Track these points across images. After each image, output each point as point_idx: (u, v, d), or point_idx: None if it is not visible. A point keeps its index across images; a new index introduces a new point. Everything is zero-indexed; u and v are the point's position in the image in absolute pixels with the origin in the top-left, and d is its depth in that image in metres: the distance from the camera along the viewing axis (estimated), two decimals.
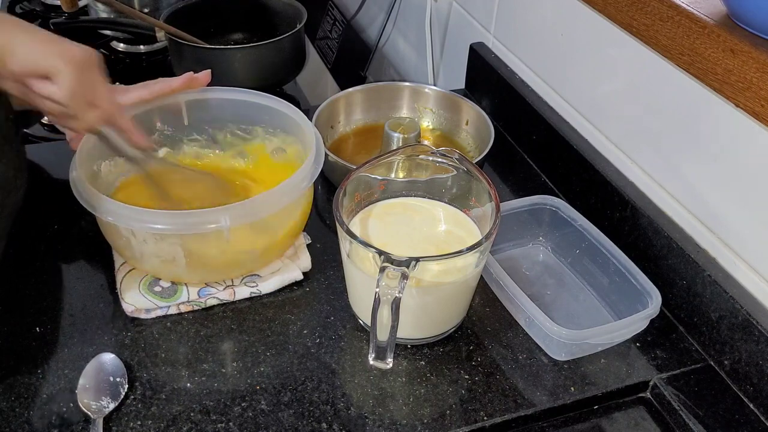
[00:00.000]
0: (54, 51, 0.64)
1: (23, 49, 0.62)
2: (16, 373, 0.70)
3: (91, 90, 0.67)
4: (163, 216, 0.71)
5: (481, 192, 0.74)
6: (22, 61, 0.62)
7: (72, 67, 0.64)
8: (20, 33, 0.62)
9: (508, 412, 0.68)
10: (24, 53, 0.62)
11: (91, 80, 0.67)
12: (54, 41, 0.64)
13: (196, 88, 0.84)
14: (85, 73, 0.66)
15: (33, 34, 0.64)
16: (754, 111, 0.63)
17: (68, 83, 0.64)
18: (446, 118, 1.05)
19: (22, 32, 0.63)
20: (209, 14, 1.41)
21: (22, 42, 0.62)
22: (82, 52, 0.65)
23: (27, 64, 0.63)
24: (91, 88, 0.67)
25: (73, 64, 0.64)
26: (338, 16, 1.60)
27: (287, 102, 0.85)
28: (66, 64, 0.64)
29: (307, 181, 0.76)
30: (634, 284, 0.75)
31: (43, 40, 0.64)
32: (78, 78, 0.65)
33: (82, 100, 0.67)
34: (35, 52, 0.63)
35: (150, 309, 0.76)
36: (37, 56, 0.63)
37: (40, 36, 0.64)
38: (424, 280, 0.68)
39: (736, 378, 0.70)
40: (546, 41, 0.97)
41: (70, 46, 0.65)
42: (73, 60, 0.64)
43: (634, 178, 0.85)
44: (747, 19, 0.64)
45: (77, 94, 0.66)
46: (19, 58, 0.62)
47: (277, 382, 0.70)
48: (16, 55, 0.62)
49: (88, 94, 0.67)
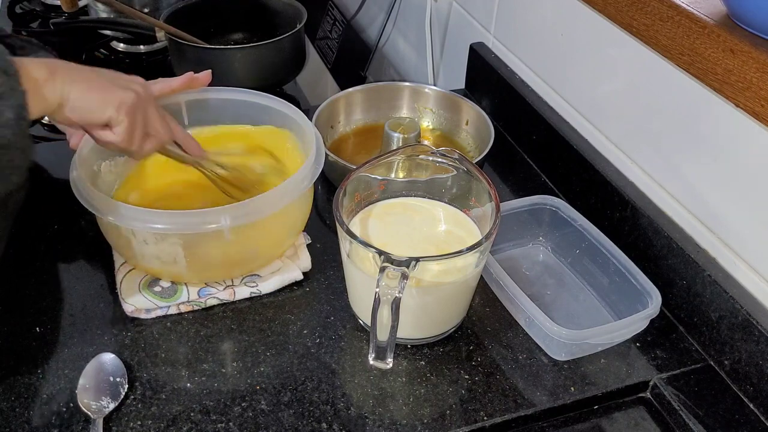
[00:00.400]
0: (108, 100, 0.66)
1: (79, 101, 0.64)
2: (16, 373, 0.70)
3: (144, 125, 0.70)
4: (163, 216, 0.71)
5: (481, 192, 0.74)
6: (78, 112, 0.65)
7: (125, 114, 0.67)
8: (75, 83, 0.64)
9: (508, 412, 0.68)
10: (80, 105, 0.64)
11: (144, 117, 0.70)
12: (107, 89, 0.66)
13: (197, 88, 0.84)
14: (138, 114, 0.68)
15: (88, 83, 0.65)
16: (754, 111, 0.63)
17: (123, 131, 0.67)
18: (446, 118, 1.05)
19: (77, 81, 0.64)
20: (209, 14, 1.41)
21: (77, 93, 0.64)
22: (134, 96, 0.68)
23: (83, 116, 0.65)
24: (144, 124, 0.70)
25: (125, 111, 0.67)
26: (338, 16, 1.60)
27: (287, 102, 0.85)
28: (119, 113, 0.66)
29: (307, 181, 0.76)
30: (634, 284, 0.75)
31: (97, 89, 0.66)
32: (131, 122, 0.68)
33: (138, 138, 0.70)
34: (90, 103, 0.65)
35: (150, 309, 0.76)
36: (93, 108, 0.65)
37: (94, 84, 0.66)
38: (424, 280, 0.68)
39: (736, 378, 0.70)
40: (546, 41, 0.97)
41: (121, 93, 0.67)
42: (125, 108, 0.67)
43: (634, 178, 0.85)
44: (747, 19, 0.64)
45: (132, 136, 0.69)
46: (76, 110, 0.64)
47: (277, 382, 0.70)
48: (72, 107, 0.64)
49: (141, 130, 0.70)
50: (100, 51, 1.52)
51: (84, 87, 0.64)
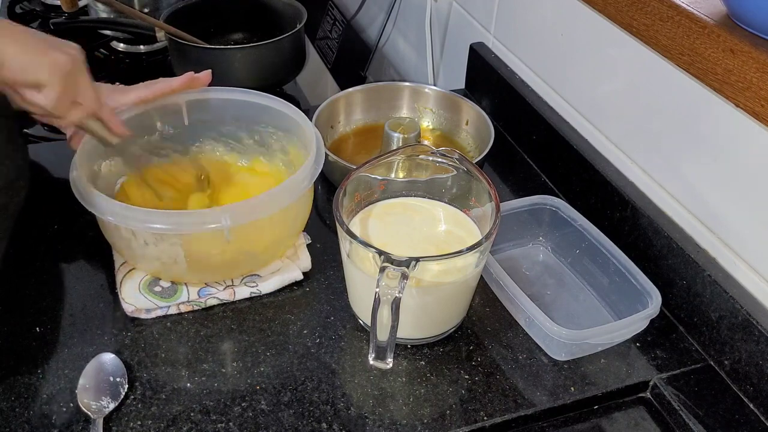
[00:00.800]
0: (41, 62, 0.66)
1: (12, 60, 0.65)
2: (16, 373, 0.70)
3: (74, 92, 0.70)
4: (163, 216, 0.71)
5: (481, 192, 0.74)
6: (11, 72, 0.65)
7: (57, 77, 0.67)
8: (10, 43, 0.65)
9: (508, 412, 0.68)
10: (12, 65, 0.65)
11: (75, 83, 0.70)
12: (42, 51, 0.67)
13: (197, 88, 0.84)
14: (70, 78, 0.69)
15: (23, 43, 0.66)
16: (754, 111, 0.63)
17: (53, 93, 0.68)
18: (446, 118, 1.05)
19: (12, 42, 0.65)
20: (209, 14, 1.41)
21: (11, 53, 0.65)
22: (67, 59, 0.68)
23: (16, 76, 0.66)
24: (75, 90, 0.70)
25: (58, 74, 0.67)
26: (338, 16, 1.60)
27: (287, 102, 0.85)
28: (51, 75, 0.67)
29: (307, 181, 0.76)
30: (634, 284, 0.75)
31: (32, 50, 0.66)
32: (62, 86, 0.68)
33: (66, 103, 0.70)
34: (23, 63, 0.66)
35: (150, 309, 0.76)
36: (26, 68, 0.66)
37: (29, 45, 0.67)
38: (424, 280, 0.68)
39: (736, 378, 0.70)
40: (546, 41, 0.97)
41: (57, 55, 0.67)
42: (58, 70, 0.67)
43: (634, 178, 0.85)
44: (747, 19, 0.64)
45: (61, 101, 0.69)
46: (9, 69, 0.65)
47: (277, 382, 0.70)
48: (5, 66, 0.65)
49: (71, 96, 0.70)
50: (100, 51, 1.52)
51: (19, 47, 0.65)
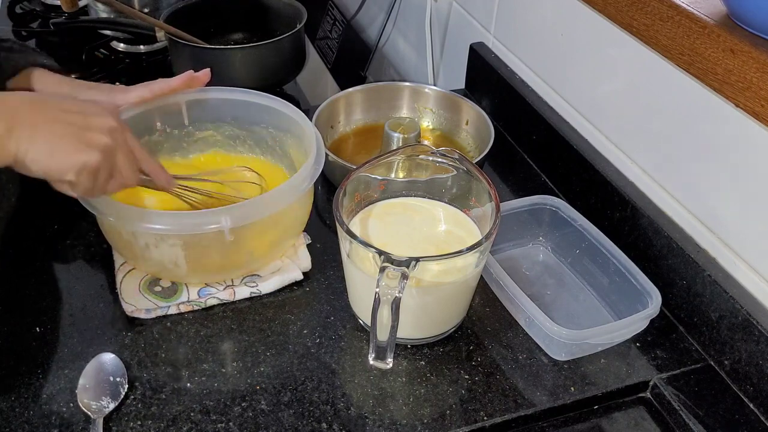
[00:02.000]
0: (69, 165, 0.62)
1: (37, 162, 0.61)
2: (16, 373, 0.70)
3: (115, 170, 0.66)
4: (163, 216, 0.71)
5: (481, 192, 0.74)
6: (35, 170, 0.62)
7: (84, 177, 0.63)
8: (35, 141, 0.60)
9: (508, 412, 0.68)
10: (38, 167, 0.61)
11: (111, 167, 0.65)
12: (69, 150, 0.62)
13: (196, 87, 0.84)
14: (103, 170, 0.64)
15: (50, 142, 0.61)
16: (754, 111, 0.63)
17: (82, 189, 0.64)
18: (446, 118, 1.05)
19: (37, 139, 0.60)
20: (209, 14, 1.41)
21: (36, 154, 0.60)
22: (98, 158, 0.63)
23: (41, 174, 0.62)
24: (116, 168, 0.66)
25: (86, 174, 0.63)
26: (338, 16, 1.60)
27: (287, 102, 0.85)
28: (79, 176, 0.63)
29: (307, 182, 0.76)
30: (634, 284, 0.75)
31: (59, 149, 0.62)
32: (92, 182, 0.64)
33: (101, 186, 0.66)
34: (50, 165, 0.62)
35: (150, 309, 0.76)
36: (52, 170, 0.62)
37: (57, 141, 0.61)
38: (424, 280, 0.68)
39: (736, 378, 0.70)
40: (546, 41, 0.97)
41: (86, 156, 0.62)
42: (86, 172, 0.63)
43: (634, 178, 0.85)
44: (747, 19, 0.64)
45: (93, 191, 0.65)
46: (33, 169, 0.61)
47: (277, 382, 0.70)
48: (29, 166, 0.61)
49: (106, 179, 0.66)
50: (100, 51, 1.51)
51: (44, 148, 0.61)
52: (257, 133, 0.88)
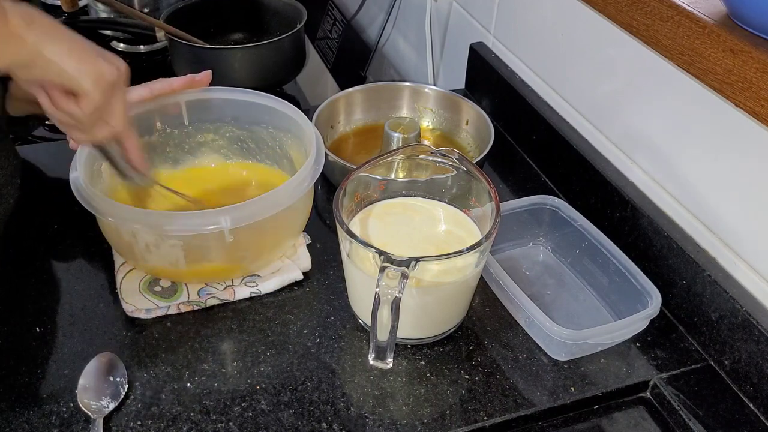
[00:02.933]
0: (85, 70, 0.60)
1: (54, 60, 0.59)
2: (16, 373, 0.70)
3: (109, 109, 0.66)
4: (164, 217, 0.71)
5: (481, 192, 0.74)
6: (50, 72, 0.60)
7: (100, 89, 0.62)
8: (54, 41, 0.59)
9: (508, 412, 0.68)
10: (54, 65, 0.59)
11: (113, 100, 0.65)
12: (86, 57, 0.61)
13: (197, 87, 0.84)
14: (109, 93, 0.64)
15: (69, 43, 0.60)
16: (754, 111, 0.63)
17: (91, 105, 0.63)
18: (446, 118, 1.05)
19: (58, 41, 0.59)
20: (209, 14, 1.41)
21: (54, 52, 0.59)
22: (113, 71, 0.63)
23: (55, 77, 0.60)
24: (110, 107, 0.65)
25: (101, 86, 0.62)
26: (338, 16, 1.60)
27: (287, 102, 0.85)
28: (95, 87, 0.61)
29: (307, 182, 0.76)
30: (634, 284, 0.75)
31: (77, 54, 0.60)
32: (102, 99, 0.63)
33: (99, 118, 0.65)
34: (66, 67, 0.60)
35: (150, 309, 0.76)
36: (68, 72, 0.60)
37: (76, 48, 0.60)
38: (424, 280, 0.68)
39: (736, 378, 0.70)
40: (546, 41, 0.97)
41: (102, 65, 0.62)
42: (102, 82, 0.62)
43: (634, 178, 0.85)
44: (747, 19, 0.64)
45: (96, 115, 0.64)
46: (48, 69, 0.59)
47: (277, 382, 0.70)
48: (45, 65, 0.59)
49: (105, 113, 0.65)
50: None
51: (64, 48, 0.59)
52: (257, 133, 0.88)
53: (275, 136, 0.87)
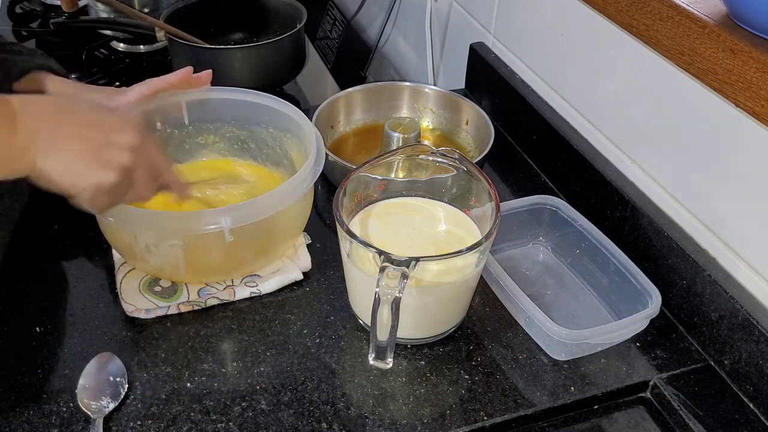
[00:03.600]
0: (84, 183, 0.61)
1: (52, 177, 0.59)
2: (16, 373, 0.70)
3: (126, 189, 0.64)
4: (164, 217, 0.71)
5: (481, 192, 0.74)
6: (50, 184, 0.60)
7: (99, 196, 0.62)
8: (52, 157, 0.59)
9: (508, 412, 0.68)
10: (53, 181, 0.60)
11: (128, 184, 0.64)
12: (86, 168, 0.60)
13: (197, 87, 0.84)
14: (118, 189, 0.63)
15: (67, 159, 0.60)
16: (754, 111, 0.63)
17: (96, 208, 0.64)
18: (446, 118, 1.05)
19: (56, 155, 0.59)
20: (209, 14, 1.41)
21: (51, 169, 0.59)
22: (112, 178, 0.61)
23: (56, 186, 0.61)
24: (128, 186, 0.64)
25: (100, 194, 0.62)
26: (338, 16, 1.60)
27: (288, 102, 0.85)
28: (93, 195, 0.62)
29: (308, 182, 0.76)
30: (634, 284, 0.75)
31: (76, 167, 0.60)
32: (106, 203, 0.64)
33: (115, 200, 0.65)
34: (64, 182, 0.60)
35: (150, 309, 0.76)
36: (66, 186, 0.61)
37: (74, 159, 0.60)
38: (424, 280, 0.68)
39: (736, 378, 0.70)
40: (546, 41, 0.97)
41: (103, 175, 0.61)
42: (100, 192, 0.62)
43: (634, 178, 0.85)
44: (747, 19, 0.64)
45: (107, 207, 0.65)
46: (47, 182, 0.60)
47: (277, 382, 0.70)
48: (44, 180, 0.60)
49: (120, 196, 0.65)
50: (100, 51, 1.51)
51: (61, 166, 0.59)
52: (257, 133, 0.88)
53: (275, 136, 0.88)
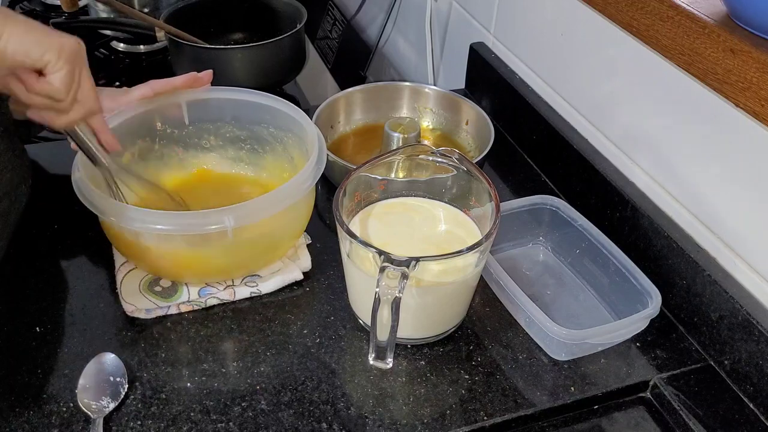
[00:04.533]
0: (47, 43, 0.63)
1: (16, 41, 0.61)
2: (16, 373, 0.70)
3: (78, 81, 0.66)
4: (166, 217, 0.71)
5: (481, 192, 0.74)
6: (14, 53, 0.61)
7: (65, 59, 0.63)
8: (12, 25, 0.61)
9: (508, 412, 0.68)
10: (16, 45, 0.61)
11: (79, 72, 0.66)
12: (46, 33, 0.63)
13: (197, 86, 0.84)
14: (76, 66, 0.65)
15: (25, 25, 0.62)
16: (754, 111, 0.63)
17: (62, 77, 0.64)
18: (446, 118, 1.05)
19: (14, 24, 0.61)
20: (209, 14, 1.41)
21: (14, 34, 0.61)
22: (73, 43, 0.64)
23: (19, 57, 0.62)
24: (78, 80, 0.66)
25: (65, 56, 0.63)
26: (338, 16, 1.60)
27: (288, 102, 0.85)
28: (59, 57, 0.63)
29: (309, 182, 0.76)
30: (634, 284, 0.75)
31: (35, 32, 0.63)
32: (70, 67, 0.64)
33: (72, 94, 0.66)
34: (28, 45, 0.62)
35: (150, 309, 0.76)
36: (30, 48, 0.62)
37: (32, 27, 0.63)
38: (424, 280, 0.69)
39: (736, 378, 0.71)
40: (546, 41, 0.97)
41: (62, 38, 0.64)
42: (65, 52, 0.63)
43: (634, 178, 0.85)
44: (747, 19, 0.64)
45: (69, 84, 0.65)
46: (12, 51, 0.61)
47: (277, 382, 0.70)
48: (8, 48, 0.61)
49: (76, 85, 0.66)
50: (100, 51, 1.52)
51: (21, 28, 0.61)
52: (258, 133, 0.88)
53: (276, 136, 0.87)
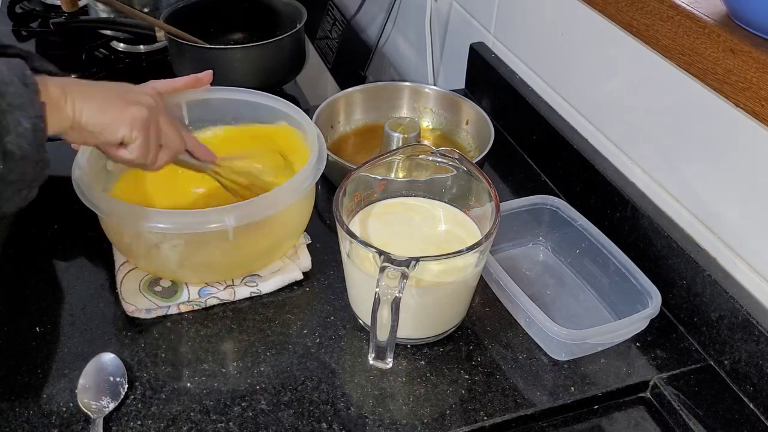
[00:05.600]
0: (120, 119, 0.65)
1: (92, 121, 0.63)
2: (16, 373, 0.70)
3: (158, 138, 0.69)
4: (166, 216, 0.71)
5: (481, 192, 0.74)
6: (91, 132, 0.64)
7: (138, 130, 0.66)
8: (87, 102, 0.63)
9: (508, 412, 0.68)
10: (93, 125, 0.64)
11: (158, 130, 0.69)
12: (119, 107, 0.65)
13: (198, 86, 0.84)
14: (152, 127, 0.68)
15: (99, 101, 0.64)
16: (754, 111, 0.63)
17: (137, 148, 0.67)
18: (446, 118, 1.05)
19: (88, 100, 0.63)
20: (209, 14, 1.41)
21: (89, 113, 0.63)
22: (146, 112, 0.67)
23: (97, 136, 0.65)
24: (158, 136, 0.69)
25: (138, 127, 0.66)
26: (338, 16, 1.60)
27: (289, 102, 0.85)
28: (131, 130, 0.66)
29: (309, 181, 0.76)
30: (634, 284, 0.75)
31: (109, 108, 0.65)
32: (145, 138, 0.67)
33: (153, 151, 0.69)
34: (103, 123, 0.64)
35: (150, 309, 0.76)
36: (106, 127, 0.65)
37: (106, 102, 0.65)
38: (424, 280, 0.68)
39: (736, 378, 0.70)
40: (546, 41, 0.97)
41: (131, 110, 0.66)
42: (138, 123, 0.66)
43: (634, 178, 0.85)
44: (747, 19, 0.64)
45: (148, 152, 0.68)
46: (89, 130, 0.64)
47: (277, 382, 0.70)
48: (85, 127, 0.63)
49: (155, 144, 0.69)
50: (100, 51, 1.52)
51: (96, 106, 0.64)
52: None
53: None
